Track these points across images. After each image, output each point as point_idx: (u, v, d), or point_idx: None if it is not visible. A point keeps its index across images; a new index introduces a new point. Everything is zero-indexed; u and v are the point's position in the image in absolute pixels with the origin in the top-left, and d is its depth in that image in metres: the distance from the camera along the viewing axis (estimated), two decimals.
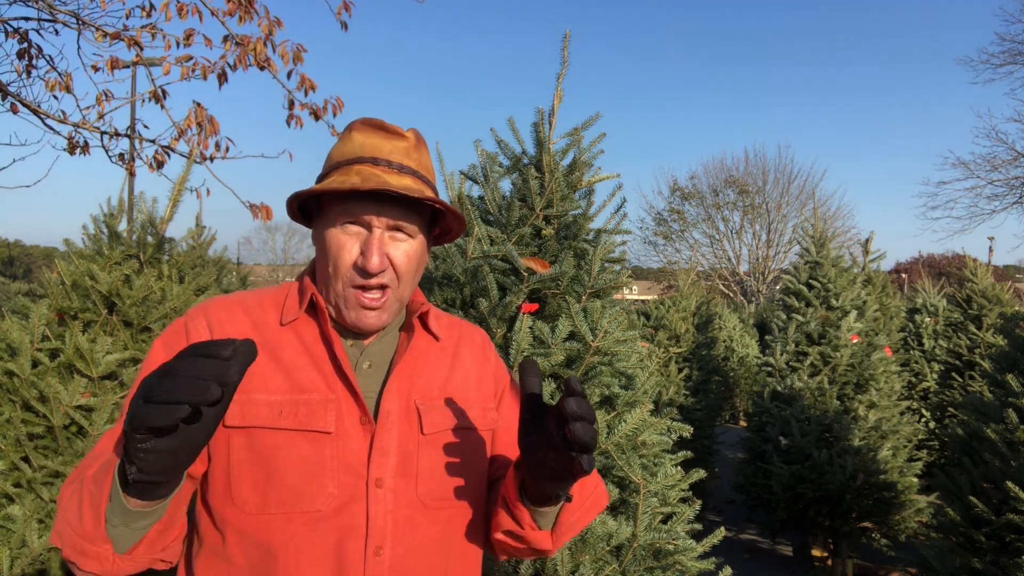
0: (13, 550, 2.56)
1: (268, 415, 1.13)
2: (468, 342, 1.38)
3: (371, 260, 1.16)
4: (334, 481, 1.13)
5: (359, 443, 1.16)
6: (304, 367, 1.18)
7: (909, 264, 34.02)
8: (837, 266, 6.34)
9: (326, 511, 1.12)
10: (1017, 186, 23.42)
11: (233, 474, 1.13)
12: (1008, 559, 3.37)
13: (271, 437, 1.12)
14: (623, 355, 2.39)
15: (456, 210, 1.24)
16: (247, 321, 1.21)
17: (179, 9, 3.99)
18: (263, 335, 1.20)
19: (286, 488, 1.11)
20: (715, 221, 34.38)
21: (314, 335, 1.22)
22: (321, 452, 1.13)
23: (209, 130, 4.36)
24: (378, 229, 1.18)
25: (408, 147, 1.24)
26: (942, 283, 10.68)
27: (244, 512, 1.12)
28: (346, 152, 1.22)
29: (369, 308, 1.20)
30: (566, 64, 2.49)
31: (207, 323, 1.19)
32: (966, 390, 7.85)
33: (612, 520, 2.10)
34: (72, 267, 3.04)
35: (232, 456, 1.13)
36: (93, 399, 2.79)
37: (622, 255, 2.59)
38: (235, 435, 1.13)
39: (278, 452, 1.12)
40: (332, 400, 1.16)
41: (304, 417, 1.14)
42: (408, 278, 1.23)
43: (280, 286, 1.31)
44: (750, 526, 7.05)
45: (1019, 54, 22.79)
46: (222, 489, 1.14)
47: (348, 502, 1.13)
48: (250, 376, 1.15)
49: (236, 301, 1.24)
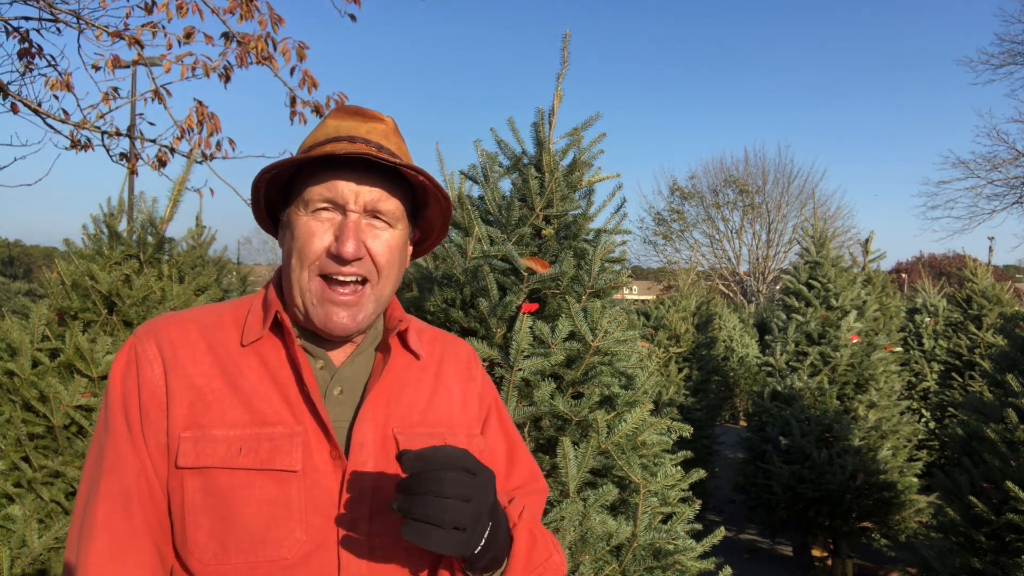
0: (13, 550, 2.56)
1: (225, 453, 1.01)
2: (452, 358, 1.24)
3: (346, 244, 1.03)
4: (301, 525, 1.01)
5: (330, 481, 1.04)
6: (267, 395, 1.06)
7: (909, 264, 34.04)
8: (837, 266, 6.34)
9: (293, 559, 1.01)
10: (1017, 186, 23.43)
11: (188, 519, 1.01)
12: (1008, 559, 3.37)
13: (228, 478, 1.01)
14: (623, 355, 2.39)
15: (441, 187, 1.10)
16: (203, 343, 1.08)
17: (179, 7, 3.99)
18: (221, 360, 1.07)
19: (247, 534, 1.00)
20: (715, 221, 34.41)
21: (279, 357, 1.09)
22: (287, 493, 1.01)
23: (211, 128, 4.37)
24: (354, 213, 1.06)
25: (387, 130, 1.13)
26: (942, 283, 10.68)
27: (202, 563, 1.01)
28: (318, 136, 1.11)
29: (340, 305, 1.06)
30: (566, 64, 2.50)
31: (158, 348, 1.06)
32: (966, 390, 7.85)
33: (612, 520, 2.10)
34: (72, 267, 3.04)
35: (187, 499, 1.01)
36: (93, 399, 2.79)
37: (622, 255, 2.59)
38: (189, 476, 1.01)
39: (237, 494, 1.00)
40: (299, 433, 1.04)
41: (267, 454, 1.02)
42: (388, 273, 1.09)
43: (243, 299, 1.17)
44: (750, 526, 7.05)
45: (1019, 54, 22.81)
46: (179, 535, 1.03)
47: (318, 548, 1.02)
48: (206, 407, 1.04)
49: (191, 319, 1.11)
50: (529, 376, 2.21)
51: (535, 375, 2.22)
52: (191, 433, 1.02)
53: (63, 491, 2.72)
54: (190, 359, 1.07)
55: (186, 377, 1.05)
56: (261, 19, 4.18)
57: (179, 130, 4.34)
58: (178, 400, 1.04)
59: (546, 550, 1.12)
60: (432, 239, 1.25)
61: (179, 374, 1.05)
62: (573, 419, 2.17)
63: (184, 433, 1.02)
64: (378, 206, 1.07)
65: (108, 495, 1.02)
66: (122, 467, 1.03)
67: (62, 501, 2.71)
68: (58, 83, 4.06)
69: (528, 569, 1.08)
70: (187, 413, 1.04)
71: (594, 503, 2.05)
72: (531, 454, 1.36)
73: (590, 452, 2.09)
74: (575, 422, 2.19)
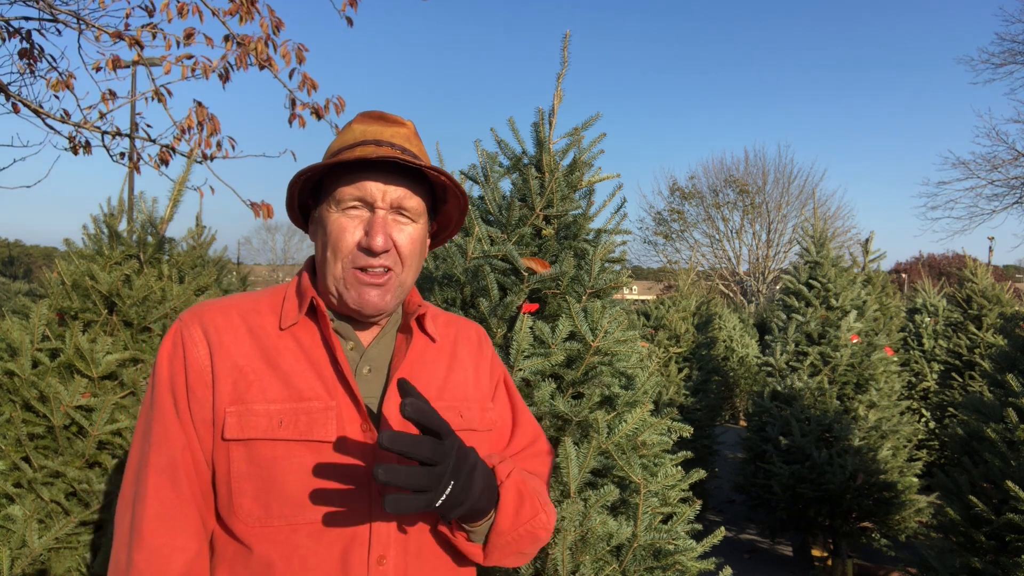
0: (13, 550, 2.56)
1: (267, 426, 1.11)
2: (464, 340, 1.36)
3: (376, 239, 1.14)
4: (337, 491, 1.12)
5: (362, 450, 1.14)
6: (303, 373, 1.16)
7: (909, 264, 34.02)
8: (837, 266, 6.34)
9: (329, 521, 1.11)
10: (1017, 186, 23.43)
11: (234, 486, 1.12)
12: (1008, 559, 3.37)
13: (270, 448, 1.11)
14: (623, 355, 2.39)
15: (459, 184, 1.22)
16: (243, 327, 1.19)
17: (180, 9, 3.99)
18: (261, 341, 1.18)
19: (288, 499, 1.11)
20: (715, 221, 34.41)
21: (314, 339, 1.20)
22: (323, 461, 1.12)
23: (210, 128, 4.37)
24: (382, 210, 1.17)
25: (408, 134, 1.24)
26: (942, 283, 10.67)
27: (247, 524, 1.11)
28: (347, 140, 1.21)
29: (371, 285, 1.17)
30: (566, 64, 2.49)
31: (203, 331, 1.17)
32: (966, 390, 7.85)
33: (612, 520, 2.10)
34: (72, 267, 3.04)
35: (232, 468, 1.12)
36: (93, 399, 2.79)
37: (622, 255, 2.59)
38: (234, 447, 1.12)
39: (278, 463, 1.11)
40: (332, 407, 1.14)
41: (304, 427, 1.12)
42: (411, 262, 1.21)
43: (278, 287, 1.29)
44: (750, 526, 7.05)
45: (1019, 54, 22.81)
46: (225, 501, 1.14)
47: (351, 511, 1.12)
48: (248, 385, 1.14)
49: (232, 305, 1.22)
50: (529, 376, 2.21)
51: (535, 375, 2.23)
52: (236, 408, 1.13)
53: (63, 491, 2.72)
54: (233, 342, 1.17)
55: (229, 357, 1.16)
56: (262, 22, 4.18)
57: (179, 130, 4.34)
58: (223, 378, 1.14)
59: (532, 509, 1.22)
60: (449, 230, 1.37)
61: (223, 355, 1.16)
62: (573, 419, 2.17)
63: (229, 408, 1.13)
64: (403, 203, 1.18)
65: (157, 467, 1.13)
66: (169, 442, 1.14)
67: (62, 501, 2.71)
68: (59, 84, 4.06)
69: (516, 524, 1.19)
70: (231, 390, 1.14)
71: (595, 503, 2.05)
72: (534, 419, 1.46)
73: (591, 452, 2.09)
74: (575, 422, 2.19)
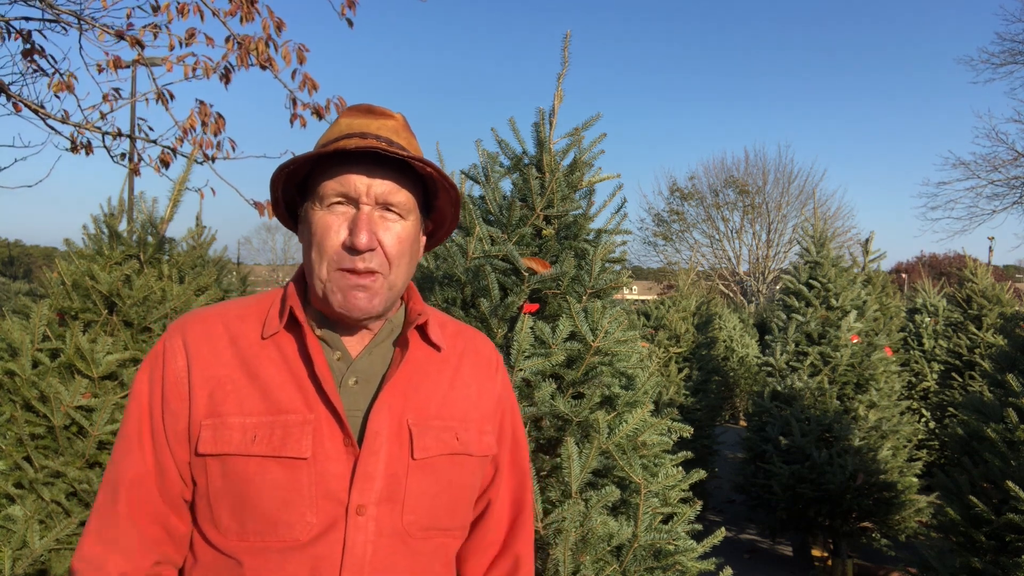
0: (14, 550, 2.56)
1: (240, 440, 1.07)
2: (473, 354, 1.28)
3: (359, 236, 1.07)
4: (312, 509, 1.07)
5: (340, 467, 1.08)
6: (284, 385, 1.11)
7: (909, 264, 34.02)
8: (837, 266, 6.34)
9: (304, 540, 1.07)
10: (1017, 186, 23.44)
11: (212, 500, 1.10)
12: (1008, 559, 3.37)
13: (243, 464, 1.07)
14: (623, 355, 2.39)
15: (448, 177, 1.15)
16: (225, 336, 1.14)
17: (180, 9, 3.99)
18: (241, 350, 1.13)
19: (262, 516, 1.07)
20: (715, 221, 34.42)
21: (296, 348, 1.14)
22: (297, 478, 1.07)
23: (214, 127, 4.37)
24: (366, 206, 1.10)
25: (396, 126, 1.17)
26: (942, 283, 10.67)
27: (226, 537, 1.09)
28: (332, 134, 1.15)
29: (358, 287, 1.10)
30: (567, 64, 2.50)
31: (183, 342, 1.13)
32: (966, 390, 7.85)
33: (613, 520, 2.10)
34: (72, 267, 3.04)
35: (210, 484, 1.09)
36: (94, 399, 2.79)
37: (622, 255, 2.59)
38: (210, 462, 1.09)
39: (252, 479, 1.07)
40: (310, 421, 1.08)
41: (279, 442, 1.07)
42: (400, 263, 1.13)
43: (270, 293, 1.23)
44: (750, 526, 7.05)
45: (1019, 53, 22.81)
46: (205, 513, 1.11)
47: (326, 531, 1.07)
48: (225, 396, 1.10)
49: (217, 313, 1.17)
50: (530, 376, 2.21)
51: (536, 375, 2.23)
52: (211, 421, 1.09)
53: (64, 491, 2.72)
54: (211, 351, 1.13)
55: (207, 368, 1.12)
56: (263, 22, 4.18)
57: (181, 131, 4.34)
58: (199, 390, 1.11)
59: None
60: (445, 228, 1.30)
61: (201, 365, 1.12)
62: (574, 419, 2.17)
63: (205, 421, 1.10)
64: (389, 198, 1.11)
65: (107, 483, 1.13)
66: (126, 456, 1.12)
67: (63, 501, 2.71)
68: (60, 84, 4.06)
69: None
70: (207, 402, 1.11)
71: (596, 504, 2.05)
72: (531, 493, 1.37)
73: (592, 452, 2.09)
74: (576, 422, 2.19)
